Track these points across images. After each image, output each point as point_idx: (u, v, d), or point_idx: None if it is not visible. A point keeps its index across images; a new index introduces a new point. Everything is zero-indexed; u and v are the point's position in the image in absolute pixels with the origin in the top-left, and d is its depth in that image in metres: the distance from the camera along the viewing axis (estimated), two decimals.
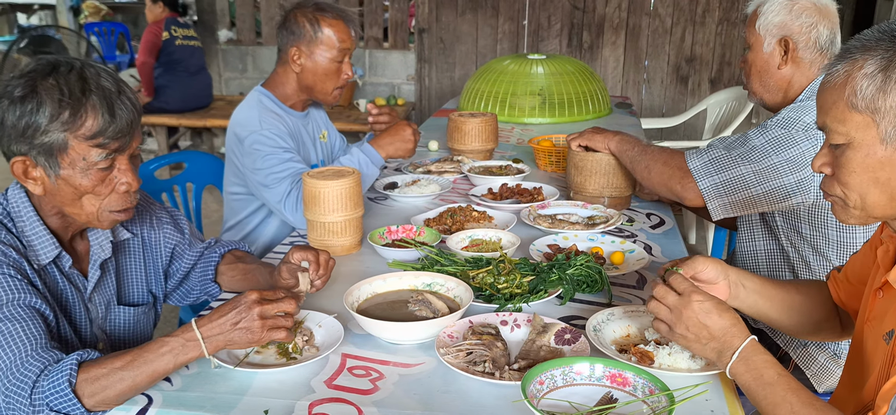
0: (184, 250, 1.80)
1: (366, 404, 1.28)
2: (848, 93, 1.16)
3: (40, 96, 1.34)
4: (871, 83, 1.13)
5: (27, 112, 1.34)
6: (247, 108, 2.39)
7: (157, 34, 5.74)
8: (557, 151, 2.82)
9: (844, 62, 1.17)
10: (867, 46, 1.15)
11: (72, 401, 1.24)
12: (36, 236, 1.45)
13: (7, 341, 1.29)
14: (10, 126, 1.36)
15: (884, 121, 1.14)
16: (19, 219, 1.45)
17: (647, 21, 6.25)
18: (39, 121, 1.34)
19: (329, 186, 1.92)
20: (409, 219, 2.23)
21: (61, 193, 1.42)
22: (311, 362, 1.40)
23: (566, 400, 1.27)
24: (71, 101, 1.34)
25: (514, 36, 6.46)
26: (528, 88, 3.82)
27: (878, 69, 1.13)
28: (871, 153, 1.17)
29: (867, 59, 1.14)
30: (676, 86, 6.36)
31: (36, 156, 1.38)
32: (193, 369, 1.39)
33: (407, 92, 6.92)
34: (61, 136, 1.35)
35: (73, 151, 1.37)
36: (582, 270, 1.72)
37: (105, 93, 1.37)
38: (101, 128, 1.36)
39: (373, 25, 6.87)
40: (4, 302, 1.32)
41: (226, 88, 7.30)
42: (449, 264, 1.81)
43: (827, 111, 1.21)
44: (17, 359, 1.28)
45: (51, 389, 1.24)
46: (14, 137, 1.37)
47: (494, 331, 1.50)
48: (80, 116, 1.35)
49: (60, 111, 1.34)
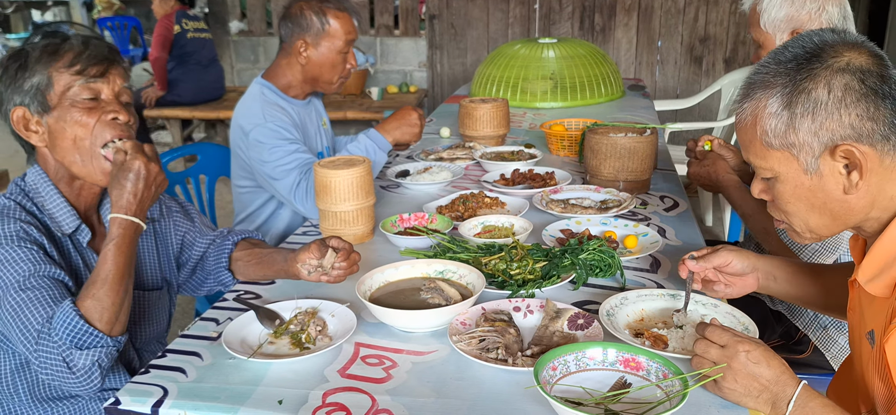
0: (194, 238, 1.83)
1: (379, 393, 1.28)
2: (759, 133, 1.18)
3: (26, 49, 1.51)
4: (778, 122, 1.15)
5: (17, 65, 1.49)
6: (250, 101, 2.40)
7: (169, 28, 5.76)
8: (570, 136, 2.81)
9: (749, 101, 1.20)
10: (766, 82, 1.17)
11: (89, 330, 1.35)
12: (56, 208, 1.54)
13: (33, 305, 1.37)
14: (3, 87, 1.51)
15: (801, 153, 1.15)
16: (38, 195, 1.54)
17: (659, 1, 6.18)
18: (26, 65, 1.49)
19: (340, 175, 1.92)
20: (421, 206, 2.23)
21: (60, 138, 1.51)
22: (325, 351, 1.40)
23: (579, 386, 1.26)
24: (51, 44, 1.50)
25: (526, 20, 6.42)
26: (540, 73, 3.80)
27: (781, 107, 1.14)
28: (799, 183, 1.19)
29: (769, 97, 1.16)
30: (690, 67, 6.30)
31: (29, 103, 1.50)
32: (208, 361, 1.40)
33: (419, 79, 6.90)
34: (44, 74, 1.48)
35: (58, 85, 1.49)
36: (595, 254, 1.71)
37: (82, 35, 1.54)
38: (77, 54, 1.50)
39: (384, 13, 6.85)
40: (28, 274, 1.40)
41: (238, 80, 7.31)
42: (461, 251, 1.80)
43: (747, 148, 1.23)
44: (46, 319, 1.36)
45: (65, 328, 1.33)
46: (9, 93, 1.50)
47: (507, 317, 1.49)
48: (59, 52, 1.49)
49: (42, 55, 1.49)
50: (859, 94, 1.10)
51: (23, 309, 1.37)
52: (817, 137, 1.13)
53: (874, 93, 1.10)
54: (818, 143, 1.13)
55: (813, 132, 1.13)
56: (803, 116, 1.13)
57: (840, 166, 1.14)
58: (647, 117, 3.52)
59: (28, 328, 1.36)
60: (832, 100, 1.11)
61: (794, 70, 1.14)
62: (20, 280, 1.39)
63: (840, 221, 1.20)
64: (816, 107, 1.12)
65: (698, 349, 1.25)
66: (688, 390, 1.19)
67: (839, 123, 1.11)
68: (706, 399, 1.23)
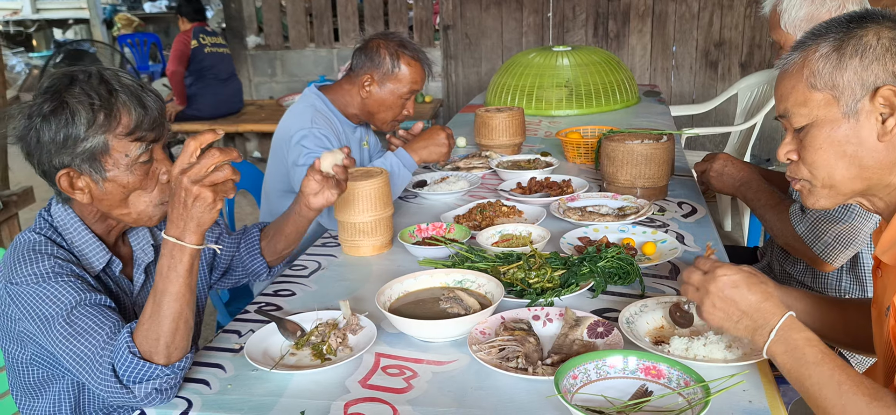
0: (229, 243, 1.88)
1: (400, 403, 1.29)
2: (806, 75, 1.23)
3: (71, 106, 1.37)
4: (827, 63, 1.21)
5: (62, 124, 1.37)
6: (301, 105, 2.48)
7: (186, 43, 5.83)
8: (586, 143, 2.81)
9: (798, 52, 1.26)
10: (818, 33, 1.24)
11: (144, 365, 1.28)
12: (86, 246, 1.50)
13: (87, 333, 1.33)
14: (47, 142, 1.39)
15: (843, 96, 1.21)
16: (67, 232, 1.49)
17: (673, 7, 6.17)
18: (78, 130, 1.38)
19: (358, 187, 1.94)
20: (439, 216, 2.24)
21: (109, 196, 1.46)
22: (346, 362, 1.41)
23: (601, 394, 1.26)
24: (102, 104, 1.38)
25: (540, 28, 6.43)
26: (555, 81, 3.80)
27: (831, 49, 1.21)
28: (836, 128, 1.22)
29: (820, 43, 1.23)
30: (706, 71, 6.27)
31: (79, 165, 1.41)
32: (231, 373, 1.42)
33: (434, 89, 6.92)
34: (101, 138, 1.39)
35: (115, 151, 1.41)
36: (613, 262, 1.71)
37: (130, 89, 1.42)
38: (137, 121, 1.41)
39: (398, 23, 6.89)
40: (76, 303, 1.36)
41: (256, 93, 7.38)
42: (479, 261, 1.81)
43: (786, 97, 1.28)
44: (100, 345, 1.32)
45: (121, 364, 1.28)
46: (54, 151, 1.40)
47: (527, 326, 1.50)
48: (115, 115, 1.40)
49: (95, 116, 1.38)
50: None
51: (72, 340, 1.32)
52: (861, 78, 1.19)
53: None
54: (861, 85, 1.19)
55: (858, 73, 1.19)
56: (852, 57, 1.19)
57: (878, 112, 1.19)
58: (663, 123, 3.51)
59: (82, 358, 1.32)
60: (880, 46, 1.18)
61: (845, 22, 1.22)
62: (64, 312, 1.34)
63: (865, 175, 1.23)
64: (865, 50, 1.19)
65: (683, 275, 1.34)
66: (710, 397, 1.19)
67: (883, 68, 1.18)
68: (729, 407, 1.23)
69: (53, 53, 4.71)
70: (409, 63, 2.46)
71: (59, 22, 11.96)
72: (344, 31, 7.12)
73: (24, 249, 1.42)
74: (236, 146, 6.72)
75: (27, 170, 1.51)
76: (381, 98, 2.48)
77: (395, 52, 2.45)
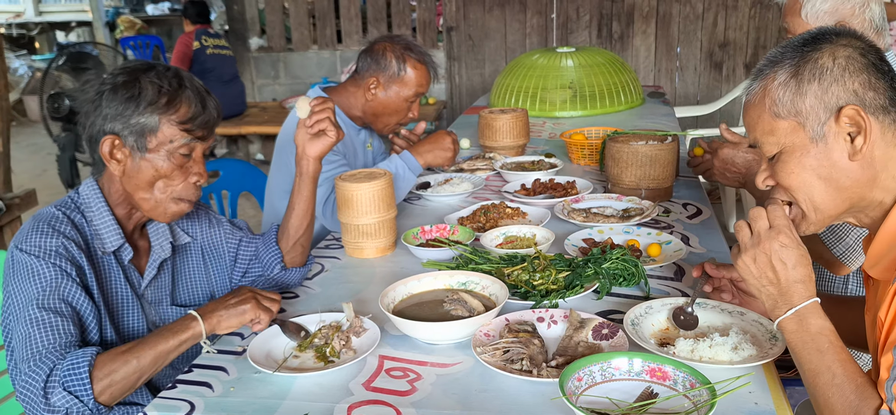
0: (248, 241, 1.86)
1: (404, 405, 1.28)
2: (768, 104, 1.24)
3: (142, 84, 1.50)
4: (786, 90, 1.21)
5: (127, 96, 1.50)
6: None
7: (188, 44, 5.84)
8: (590, 145, 2.80)
9: (759, 80, 1.27)
10: (775, 60, 1.24)
11: (85, 384, 1.32)
12: (103, 224, 1.56)
13: (43, 328, 1.38)
14: (107, 107, 1.50)
15: (808, 121, 1.20)
16: (89, 209, 1.56)
17: (677, 8, 6.16)
18: (139, 103, 1.50)
19: (361, 189, 1.93)
20: (443, 218, 2.23)
21: (139, 175, 1.53)
22: (349, 364, 1.41)
23: (606, 396, 1.25)
24: (170, 91, 1.51)
25: (543, 30, 6.43)
26: (559, 82, 3.79)
27: (789, 76, 1.21)
28: (806, 154, 1.23)
29: (777, 71, 1.23)
30: (710, 72, 6.26)
31: (126, 135, 1.51)
32: (233, 375, 1.41)
33: (437, 90, 6.92)
34: (155, 118, 1.50)
35: (162, 134, 1.51)
36: (618, 263, 1.70)
37: (198, 89, 1.56)
38: (194, 115, 1.53)
39: (401, 25, 6.88)
40: (49, 292, 1.42)
41: (259, 95, 7.38)
42: (483, 262, 1.80)
43: (754, 127, 1.28)
44: (48, 346, 1.36)
45: (69, 369, 1.32)
46: (109, 118, 1.50)
47: (531, 328, 1.49)
48: (176, 103, 1.52)
49: (159, 98, 1.50)
50: (861, 64, 1.18)
51: (34, 327, 1.38)
52: (823, 101, 1.19)
53: (874, 67, 1.18)
54: (824, 108, 1.19)
55: (819, 97, 1.19)
56: (810, 82, 1.19)
57: (845, 132, 1.18)
58: (667, 124, 3.50)
59: (31, 346, 1.37)
60: (837, 67, 1.18)
61: (800, 46, 1.22)
62: (40, 298, 1.41)
63: (845, 195, 1.22)
64: (822, 73, 1.19)
65: (751, 214, 1.28)
66: (716, 399, 1.18)
67: (844, 88, 1.18)
68: (735, 409, 1.22)
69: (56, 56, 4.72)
70: (415, 66, 2.45)
71: (61, 24, 12.00)
72: (347, 32, 7.12)
73: (42, 221, 1.50)
74: (239, 148, 6.73)
75: (29, 172, 1.53)
76: (386, 101, 2.47)
77: (401, 56, 2.43)
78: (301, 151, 1.78)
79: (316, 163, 1.79)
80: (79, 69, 4.39)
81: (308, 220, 1.83)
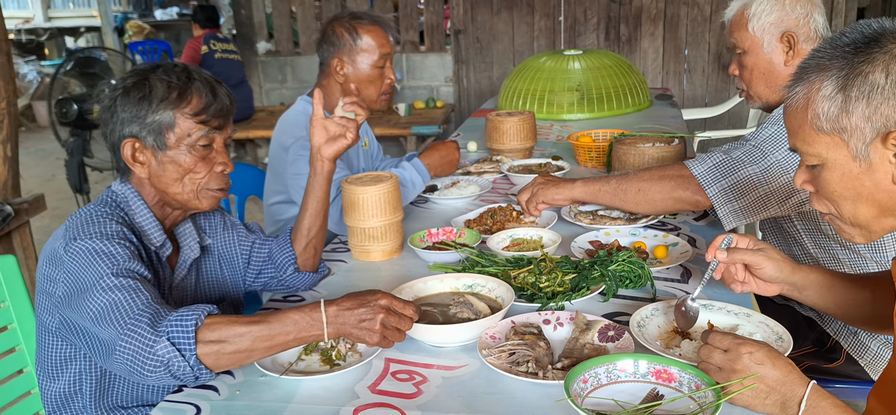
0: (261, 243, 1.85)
1: (410, 408, 1.28)
2: (811, 116, 1.15)
3: (150, 82, 1.52)
4: (831, 104, 1.12)
5: (140, 96, 1.51)
6: (293, 116, 2.44)
7: (197, 49, 5.87)
8: (597, 147, 2.79)
9: (802, 84, 1.16)
10: (822, 66, 1.14)
11: (189, 339, 1.28)
12: (147, 223, 1.57)
13: (128, 292, 1.34)
14: (122, 111, 1.52)
15: (852, 139, 1.12)
16: (129, 207, 1.57)
17: (685, 10, 6.14)
18: (151, 102, 1.51)
19: (368, 192, 1.93)
20: (450, 221, 2.23)
21: (166, 173, 1.55)
22: (355, 367, 1.41)
23: (611, 398, 1.25)
24: (179, 84, 1.52)
25: (551, 32, 6.42)
26: (566, 85, 3.79)
27: (836, 90, 1.11)
28: (847, 171, 1.15)
29: (824, 80, 1.13)
30: (718, 74, 6.24)
31: (145, 136, 1.52)
32: (239, 379, 1.41)
33: (445, 94, 6.93)
34: (169, 114, 1.51)
35: (179, 128, 1.52)
36: (624, 265, 1.70)
37: (207, 79, 1.57)
38: (206, 105, 1.54)
39: (409, 29, 6.90)
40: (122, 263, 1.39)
41: (266, 99, 7.41)
42: (490, 265, 1.80)
43: (794, 134, 1.21)
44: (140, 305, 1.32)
45: (176, 321, 1.29)
46: (126, 121, 1.52)
47: (537, 330, 1.49)
48: (187, 96, 1.53)
49: (169, 92, 1.51)
50: None
51: (117, 292, 1.34)
52: (870, 122, 1.10)
53: None
54: (870, 128, 1.10)
55: (866, 117, 1.10)
56: (858, 100, 1.09)
57: (891, 154, 1.10)
58: (675, 127, 3.49)
59: (118, 311, 1.32)
60: (890, 84, 1.07)
61: (851, 53, 1.11)
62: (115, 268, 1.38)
63: (888, 214, 1.16)
64: (873, 90, 1.08)
65: (702, 354, 1.25)
66: (721, 400, 1.17)
67: (894, 110, 1.08)
68: (740, 410, 1.21)
69: (64, 61, 4.75)
70: (368, 30, 2.41)
71: (70, 30, 12.09)
72: None
73: (91, 215, 1.49)
74: (247, 152, 6.75)
75: (38, 178, 1.53)
76: (358, 76, 2.42)
77: (350, 27, 2.40)
78: (316, 151, 1.79)
79: (330, 163, 1.80)
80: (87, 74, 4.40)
81: (321, 220, 1.83)
